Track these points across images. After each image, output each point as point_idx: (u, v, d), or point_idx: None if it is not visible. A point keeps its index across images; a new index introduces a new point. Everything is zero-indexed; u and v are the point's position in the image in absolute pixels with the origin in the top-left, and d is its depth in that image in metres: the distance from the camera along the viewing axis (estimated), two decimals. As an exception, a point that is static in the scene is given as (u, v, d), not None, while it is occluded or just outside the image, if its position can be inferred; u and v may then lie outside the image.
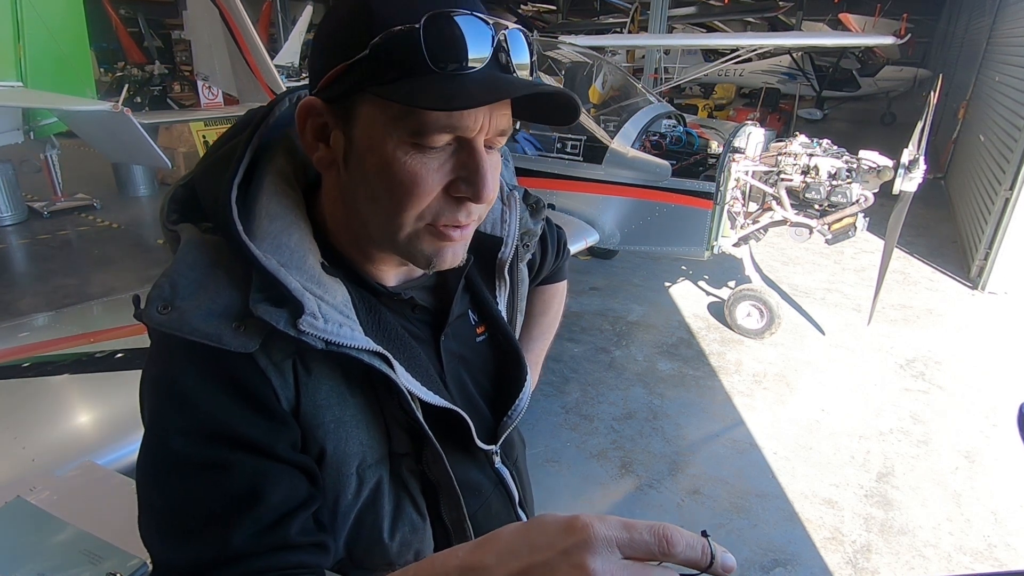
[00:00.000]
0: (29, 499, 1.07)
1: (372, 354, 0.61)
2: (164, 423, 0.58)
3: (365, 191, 0.62)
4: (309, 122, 0.62)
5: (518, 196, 0.86)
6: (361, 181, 0.61)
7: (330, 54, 0.59)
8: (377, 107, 0.58)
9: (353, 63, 0.56)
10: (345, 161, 0.62)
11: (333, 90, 0.59)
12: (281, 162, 0.67)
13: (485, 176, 0.60)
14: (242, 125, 0.68)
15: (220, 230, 0.61)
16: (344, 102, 0.59)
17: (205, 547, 0.55)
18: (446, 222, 0.62)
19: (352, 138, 0.60)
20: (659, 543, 0.37)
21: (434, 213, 0.61)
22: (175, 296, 0.57)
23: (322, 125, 0.62)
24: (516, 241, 0.83)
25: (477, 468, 0.76)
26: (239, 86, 6.61)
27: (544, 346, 1.12)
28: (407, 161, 0.58)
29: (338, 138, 0.61)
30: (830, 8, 17.30)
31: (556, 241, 1.06)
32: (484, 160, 0.60)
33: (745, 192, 3.92)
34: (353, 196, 0.63)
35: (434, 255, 0.64)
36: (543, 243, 1.00)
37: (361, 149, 0.60)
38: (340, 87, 0.58)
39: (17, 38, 5.17)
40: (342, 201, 0.65)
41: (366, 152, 0.60)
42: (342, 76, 0.58)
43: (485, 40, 0.56)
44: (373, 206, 0.62)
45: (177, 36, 15.72)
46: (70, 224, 6.33)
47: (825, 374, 3.81)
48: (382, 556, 0.68)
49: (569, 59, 4.87)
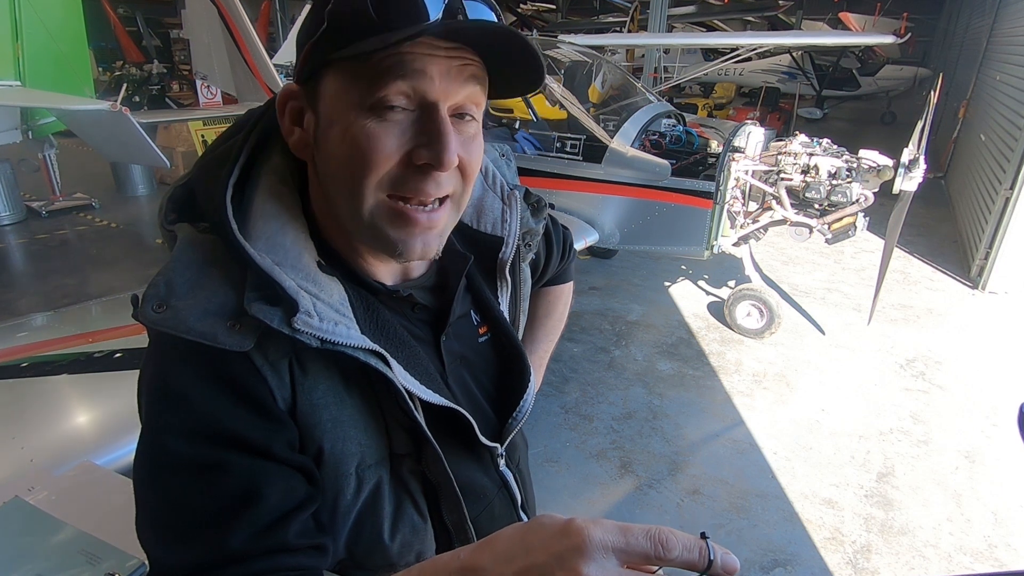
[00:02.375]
0: (27, 499, 1.06)
1: (368, 352, 0.60)
2: (160, 423, 0.58)
3: (331, 165, 0.62)
4: (288, 107, 0.64)
5: (519, 195, 0.85)
6: (328, 157, 0.62)
7: (302, 40, 0.61)
8: (337, 77, 0.59)
9: (316, 39, 0.58)
10: (315, 141, 0.63)
11: (304, 71, 0.61)
12: (277, 162, 0.66)
13: (446, 138, 0.58)
14: (239, 125, 0.68)
15: (216, 230, 0.61)
16: (313, 81, 0.61)
17: (202, 548, 0.55)
18: (409, 192, 0.60)
19: (319, 114, 0.61)
20: (655, 547, 0.37)
21: (394, 180, 0.60)
22: (170, 295, 0.57)
23: (298, 109, 0.63)
24: (517, 241, 0.82)
25: (481, 470, 0.76)
26: (238, 85, 6.60)
27: (549, 348, 1.11)
28: (365, 125, 0.58)
29: (310, 119, 0.63)
30: (830, 7, 17.32)
31: (562, 242, 1.05)
32: (445, 123, 0.58)
33: (745, 191, 3.92)
34: (327, 180, 0.64)
35: (399, 241, 0.62)
36: (548, 243, 0.99)
37: (325, 123, 0.61)
38: (309, 66, 0.60)
39: (15, 37, 5.16)
40: (320, 186, 0.66)
41: (330, 125, 0.60)
42: (309, 54, 0.59)
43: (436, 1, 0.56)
44: (338, 179, 0.62)
45: (176, 35, 15.70)
46: (68, 224, 6.32)
47: (825, 374, 3.81)
48: (383, 557, 0.68)
49: (568, 58, 4.86)
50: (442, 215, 0.64)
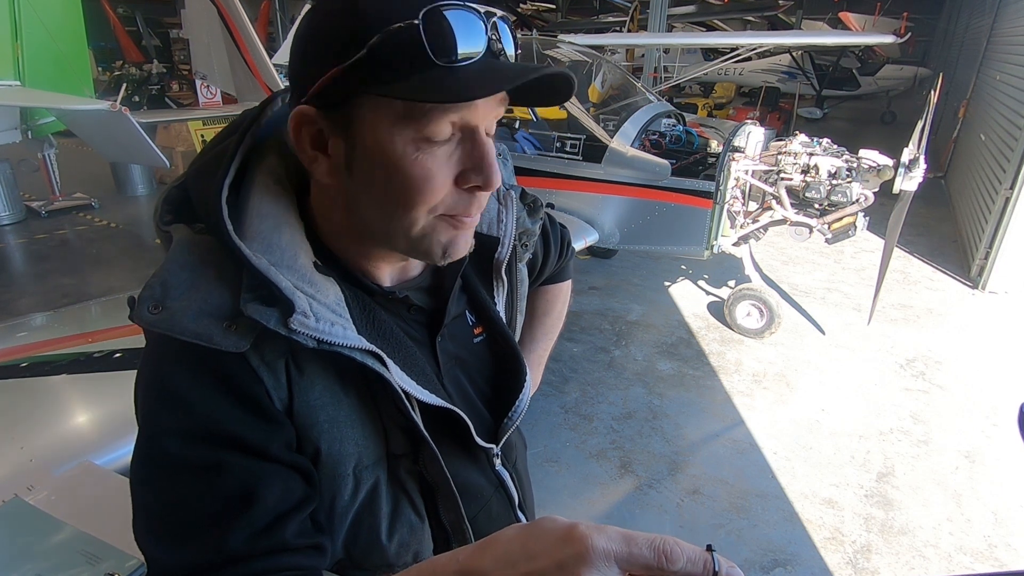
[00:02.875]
0: (27, 499, 1.07)
1: (365, 352, 0.60)
2: (157, 424, 0.58)
3: (375, 193, 0.61)
4: (304, 131, 0.60)
5: (515, 195, 0.85)
6: (369, 184, 0.60)
7: (319, 59, 0.57)
8: (380, 107, 0.57)
9: (349, 66, 0.55)
10: (348, 167, 0.61)
11: (327, 96, 0.58)
12: (272, 162, 0.66)
13: (493, 163, 0.60)
14: (234, 126, 0.67)
15: (211, 230, 0.60)
16: (342, 107, 0.58)
17: (200, 549, 0.55)
18: (458, 212, 0.63)
19: (355, 142, 0.59)
20: (658, 558, 0.36)
21: (447, 206, 0.62)
22: (166, 296, 0.57)
23: (318, 132, 0.61)
24: (513, 241, 0.82)
25: (478, 470, 0.76)
26: (237, 85, 6.59)
27: (547, 347, 1.11)
28: (417, 158, 0.58)
29: (337, 144, 0.60)
30: (830, 7, 17.32)
31: (559, 240, 1.05)
32: (489, 147, 0.60)
33: (745, 191, 3.92)
34: (358, 200, 0.62)
35: (449, 245, 0.64)
36: (545, 242, 0.99)
37: (367, 152, 0.59)
38: (336, 91, 0.57)
39: (15, 37, 5.16)
40: (344, 207, 0.64)
41: (373, 154, 0.59)
42: (337, 80, 0.56)
43: (480, 30, 0.57)
44: (384, 207, 0.61)
45: (175, 35, 15.70)
46: (68, 223, 6.32)
47: (825, 374, 3.81)
48: (381, 557, 0.68)
49: (568, 58, 4.86)
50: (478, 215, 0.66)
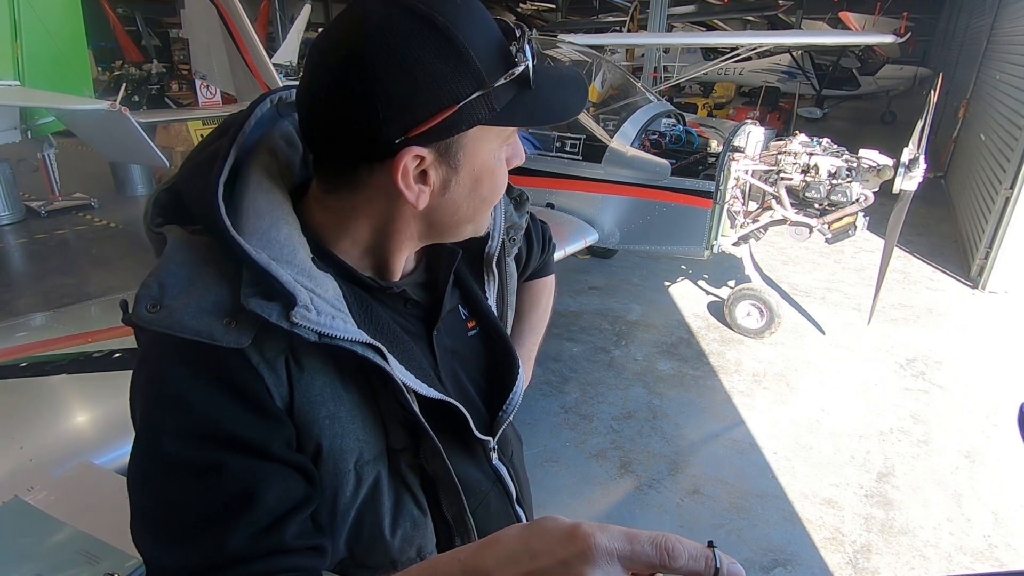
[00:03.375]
0: (27, 499, 1.06)
1: (366, 346, 0.61)
2: (156, 425, 0.57)
3: (467, 201, 0.67)
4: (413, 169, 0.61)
5: None
6: (464, 196, 0.66)
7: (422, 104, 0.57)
8: (488, 132, 0.63)
9: (466, 104, 0.58)
10: (445, 188, 0.64)
11: (435, 133, 0.59)
12: (265, 161, 0.66)
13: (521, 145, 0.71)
14: (224, 128, 0.67)
15: (208, 229, 0.60)
16: (445, 138, 0.60)
17: (201, 550, 0.55)
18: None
19: (458, 166, 0.63)
20: (660, 555, 0.37)
21: None
22: (164, 295, 0.56)
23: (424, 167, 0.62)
24: (502, 235, 0.84)
25: (475, 465, 0.76)
26: (237, 85, 6.58)
27: (536, 340, 1.13)
28: (501, 162, 0.68)
29: (439, 172, 0.63)
30: (830, 6, 17.32)
31: (541, 235, 1.07)
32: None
33: (745, 191, 3.92)
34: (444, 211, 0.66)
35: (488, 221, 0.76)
36: (528, 238, 1.01)
37: (470, 170, 0.64)
38: (446, 128, 0.59)
39: (14, 36, 5.15)
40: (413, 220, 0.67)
41: (476, 171, 0.65)
42: (450, 118, 0.58)
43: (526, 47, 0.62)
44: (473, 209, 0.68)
45: (175, 35, 15.69)
46: (68, 223, 6.32)
47: (825, 374, 3.81)
48: (384, 553, 0.68)
49: (568, 58, 4.86)
50: None
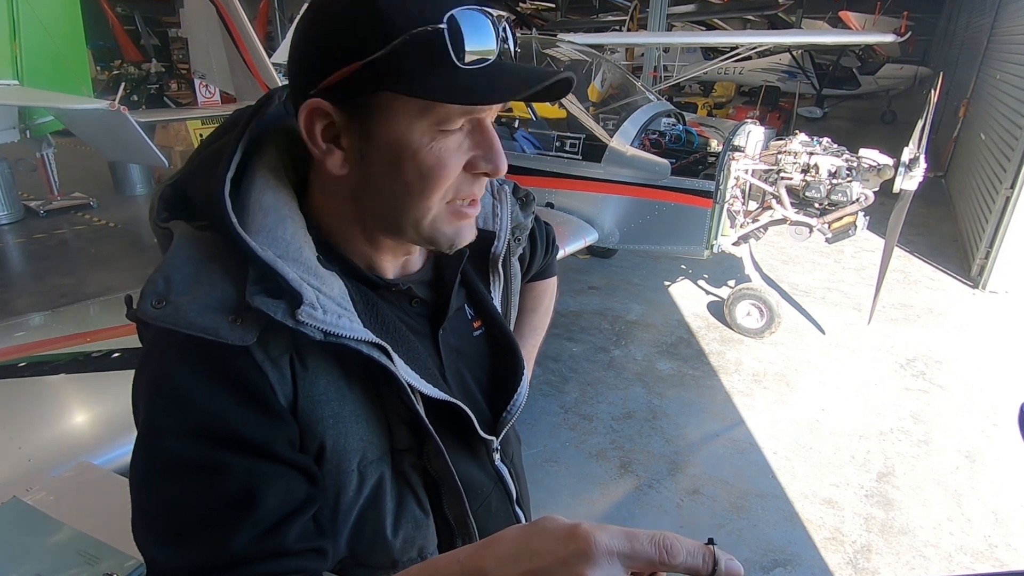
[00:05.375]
0: (25, 499, 1.06)
1: (371, 345, 0.60)
2: (159, 423, 0.57)
3: (391, 183, 0.63)
4: (317, 124, 0.61)
5: (508, 190, 0.88)
6: (385, 174, 0.63)
7: (332, 55, 0.59)
8: (398, 102, 0.59)
9: (368, 63, 0.57)
10: (362, 158, 0.62)
11: (341, 90, 0.59)
12: (272, 158, 0.66)
13: (500, 150, 0.64)
14: (230, 124, 0.67)
15: (214, 226, 0.60)
16: (356, 100, 0.60)
17: (202, 551, 0.55)
18: (464, 196, 0.66)
19: (370, 135, 0.61)
20: (659, 553, 0.38)
21: (455, 191, 0.65)
22: (169, 291, 0.56)
23: (330, 125, 0.62)
24: (508, 235, 0.84)
25: (477, 466, 0.76)
26: (236, 84, 6.58)
27: (537, 341, 1.12)
28: (433, 147, 0.61)
29: (351, 137, 0.62)
30: (830, 6, 17.30)
31: (544, 236, 1.07)
32: (495, 135, 0.64)
33: (745, 191, 3.92)
34: (370, 191, 0.64)
35: (455, 235, 0.67)
36: (532, 239, 1.01)
37: (384, 144, 0.61)
38: (351, 87, 0.59)
39: (13, 36, 5.15)
40: (352, 198, 0.66)
41: (391, 146, 0.61)
42: (354, 76, 0.58)
43: (493, 33, 0.59)
44: (400, 196, 0.64)
45: (174, 34, 15.64)
46: (66, 223, 6.31)
47: (825, 373, 3.81)
48: (385, 554, 0.67)
49: (568, 57, 4.86)
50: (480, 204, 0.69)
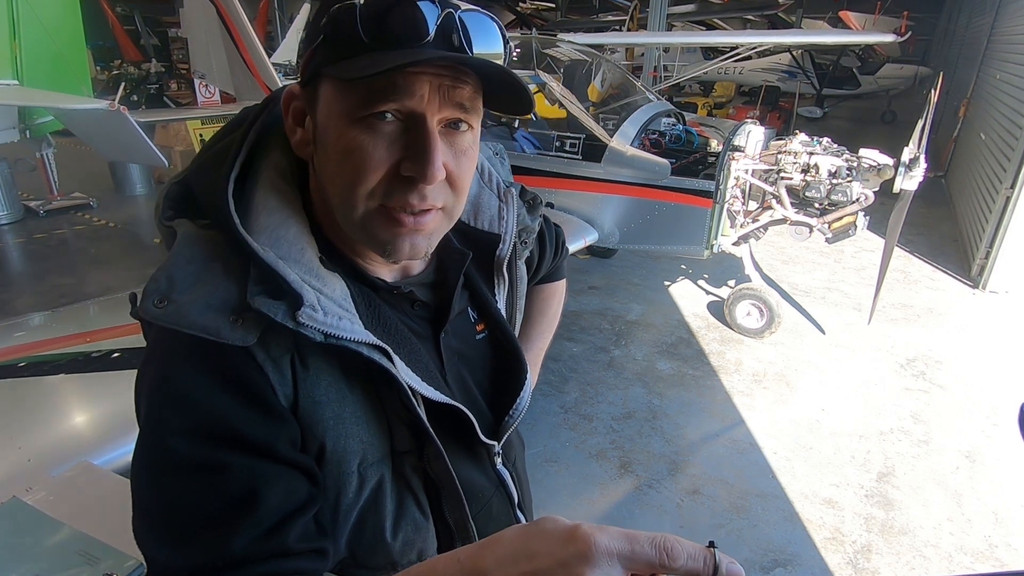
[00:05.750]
0: (25, 499, 1.06)
1: (372, 347, 0.60)
2: (161, 422, 0.57)
3: (328, 169, 0.63)
4: (292, 106, 0.65)
5: (515, 193, 0.86)
6: (325, 160, 0.63)
7: (306, 42, 0.61)
8: (331, 87, 0.60)
9: (315, 47, 0.59)
10: (314, 142, 0.64)
11: (305, 75, 0.62)
12: (277, 158, 0.67)
13: (431, 153, 0.58)
14: (237, 122, 0.68)
15: (217, 225, 0.60)
16: (312, 84, 0.62)
17: (203, 551, 0.55)
18: (396, 203, 0.61)
19: (316, 118, 0.63)
20: (660, 555, 0.37)
21: (384, 192, 0.61)
22: (172, 290, 0.56)
23: (300, 110, 0.65)
24: (514, 238, 0.83)
25: (479, 470, 0.76)
26: (236, 84, 6.58)
27: (544, 345, 1.12)
28: (355, 136, 0.59)
29: (310, 121, 0.64)
30: (830, 6, 17.30)
31: (554, 239, 1.06)
32: (432, 137, 0.59)
33: (745, 191, 3.91)
34: (322, 176, 0.65)
35: (389, 242, 0.63)
36: (541, 241, 1.00)
37: (322, 128, 0.62)
38: (309, 71, 0.61)
39: (13, 36, 5.15)
40: (319, 186, 0.67)
41: (325, 131, 0.62)
42: (308, 62, 0.61)
43: (423, 20, 0.56)
44: (334, 184, 0.63)
45: (174, 34, 15.63)
46: (66, 223, 6.30)
47: (825, 373, 3.81)
48: (385, 556, 0.67)
49: (568, 57, 4.86)
50: (429, 219, 0.63)
